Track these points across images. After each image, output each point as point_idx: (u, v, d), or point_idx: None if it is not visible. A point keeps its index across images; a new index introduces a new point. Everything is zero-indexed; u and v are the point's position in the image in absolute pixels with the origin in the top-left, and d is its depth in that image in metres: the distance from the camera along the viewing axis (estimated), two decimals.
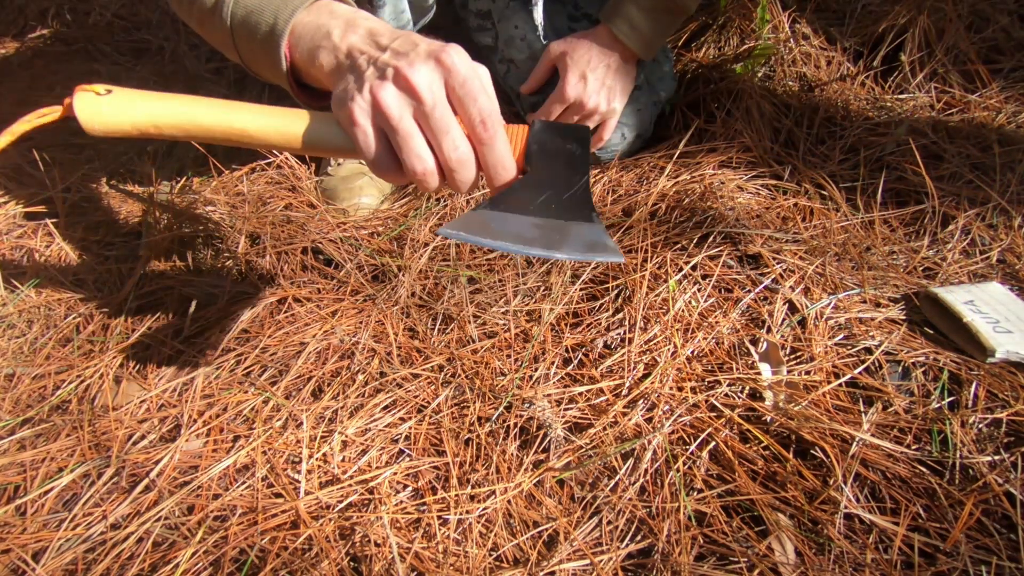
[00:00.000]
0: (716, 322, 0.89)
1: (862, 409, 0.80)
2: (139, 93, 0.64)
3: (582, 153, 0.57)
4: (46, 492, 0.81)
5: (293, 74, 0.67)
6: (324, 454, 0.82)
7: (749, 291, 0.92)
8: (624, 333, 0.90)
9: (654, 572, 0.70)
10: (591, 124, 1.13)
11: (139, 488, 0.80)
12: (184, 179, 1.25)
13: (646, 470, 0.78)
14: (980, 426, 0.77)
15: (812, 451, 0.77)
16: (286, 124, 0.62)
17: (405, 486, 0.80)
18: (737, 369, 0.85)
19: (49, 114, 0.66)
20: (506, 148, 0.58)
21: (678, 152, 1.16)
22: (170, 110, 0.63)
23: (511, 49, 1.18)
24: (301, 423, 0.85)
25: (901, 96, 1.27)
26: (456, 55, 0.56)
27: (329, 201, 1.19)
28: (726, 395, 0.83)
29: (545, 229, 0.54)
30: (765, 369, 0.85)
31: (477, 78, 0.56)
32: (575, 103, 1.09)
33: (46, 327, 1.02)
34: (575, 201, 0.56)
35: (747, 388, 0.84)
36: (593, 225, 0.54)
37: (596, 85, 1.07)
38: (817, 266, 0.94)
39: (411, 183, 0.59)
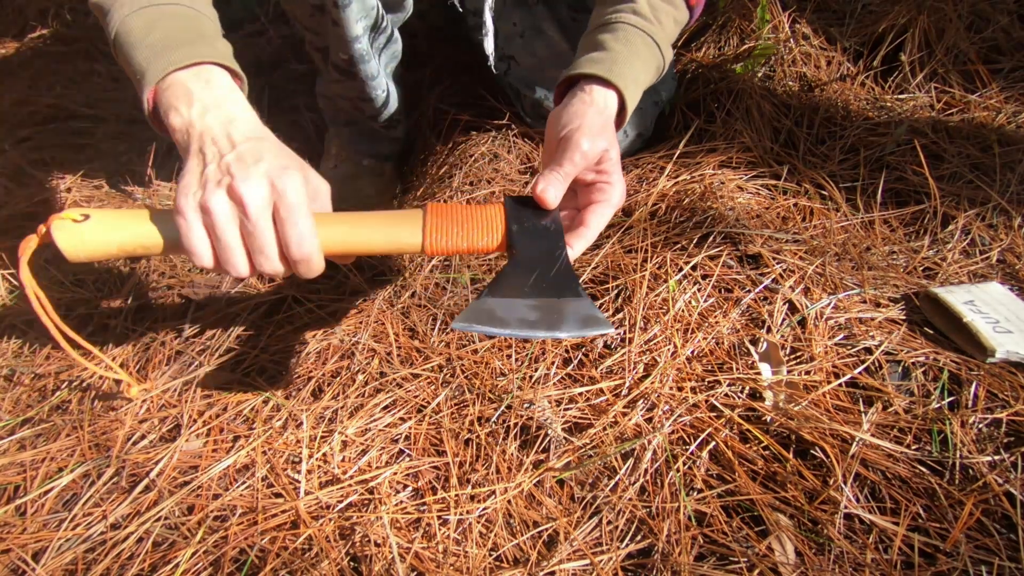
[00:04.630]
0: (716, 322, 0.89)
1: (862, 409, 0.80)
2: (118, 215, 0.64)
3: (556, 227, 0.65)
4: (46, 492, 0.81)
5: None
6: (324, 454, 0.82)
7: (749, 291, 0.92)
8: (624, 333, 0.90)
9: (654, 572, 0.70)
10: None
11: (139, 488, 0.80)
12: None
13: (646, 470, 0.78)
14: (980, 426, 0.77)
15: (812, 451, 0.77)
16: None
17: (405, 486, 0.80)
18: (737, 369, 0.85)
19: (29, 246, 0.65)
20: (316, 264, 0.64)
21: (678, 152, 1.16)
22: (149, 231, 0.63)
23: (510, 47, 1.18)
24: (301, 423, 0.85)
25: (901, 96, 1.27)
26: (290, 181, 0.60)
27: None
28: (726, 395, 0.83)
29: (543, 310, 0.62)
30: (765, 369, 0.85)
31: (302, 206, 0.61)
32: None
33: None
34: (561, 277, 0.63)
35: (747, 388, 0.84)
36: (582, 300, 0.62)
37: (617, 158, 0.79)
38: (817, 266, 0.94)
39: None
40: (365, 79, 1.05)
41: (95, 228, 0.63)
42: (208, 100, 0.64)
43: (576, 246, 0.70)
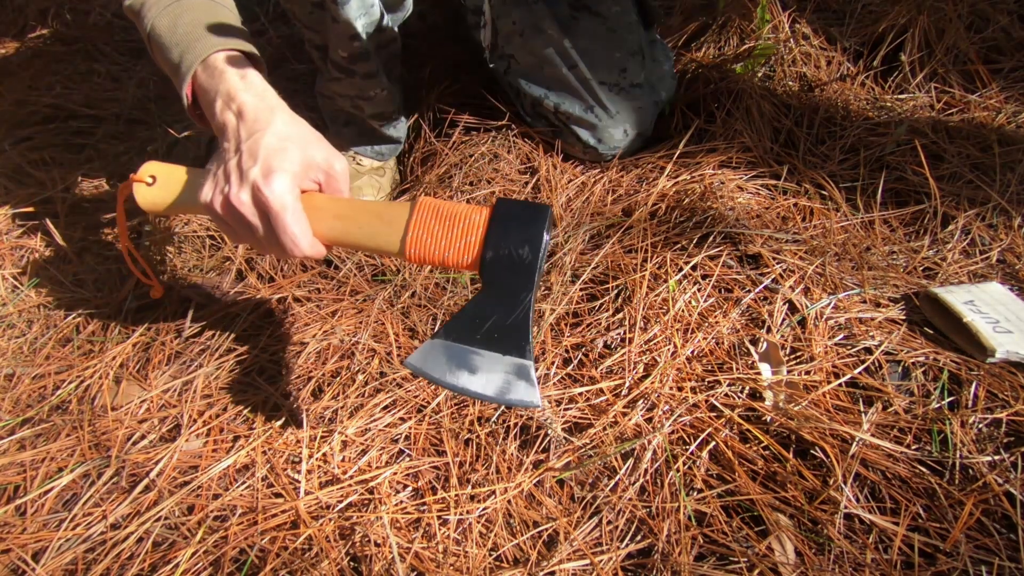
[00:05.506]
0: (716, 322, 0.89)
1: (862, 409, 0.80)
2: (176, 182, 0.74)
3: (532, 259, 0.63)
4: (46, 492, 0.81)
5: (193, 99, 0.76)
6: (324, 454, 0.82)
7: (749, 291, 0.92)
8: (624, 333, 0.90)
9: (654, 572, 0.70)
10: None
11: (139, 488, 0.80)
12: None
13: (646, 470, 0.78)
14: (980, 426, 0.77)
15: (812, 451, 0.77)
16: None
17: (405, 486, 0.80)
18: (737, 369, 0.85)
19: (125, 192, 0.76)
20: (314, 256, 0.69)
21: (678, 152, 1.16)
22: (195, 201, 0.72)
23: (510, 45, 1.18)
24: (301, 423, 0.85)
25: (901, 96, 1.27)
26: (269, 191, 0.64)
27: None
28: (726, 395, 0.83)
29: (484, 365, 0.64)
30: (765, 369, 0.85)
31: (286, 211, 0.64)
32: None
33: (46, 327, 1.02)
34: (515, 329, 0.63)
35: (747, 388, 0.84)
36: (524, 363, 0.64)
37: None
38: (817, 266, 0.94)
39: None
40: (364, 77, 1.05)
41: (158, 192, 0.74)
42: (223, 94, 0.70)
43: None
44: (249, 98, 0.69)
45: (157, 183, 0.73)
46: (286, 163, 0.65)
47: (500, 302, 0.64)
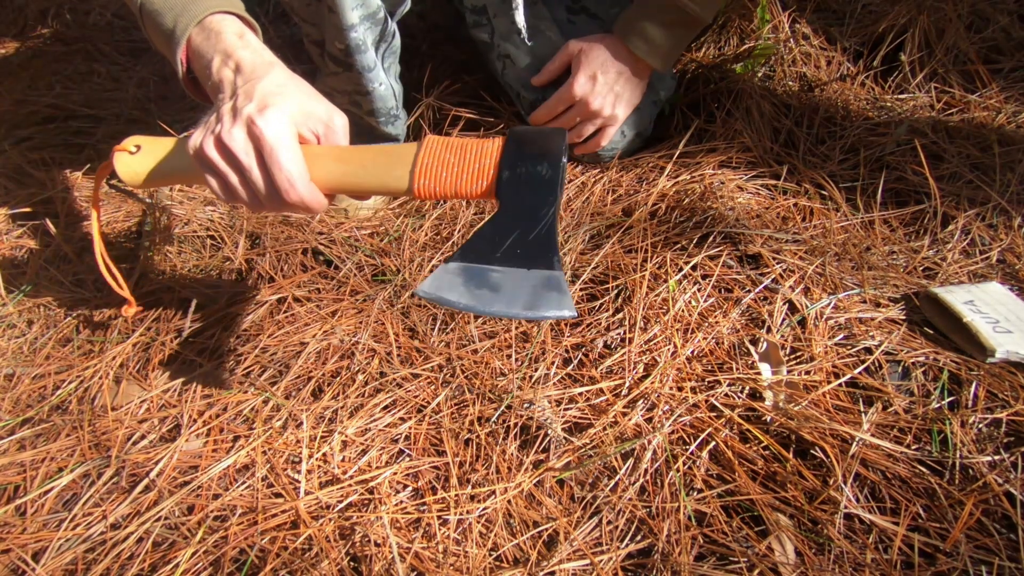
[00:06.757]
0: (716, 322, 0.89)
1: (862, 409, 0.80)
2: (162, 147, 0.71)
3: (552, 175, 0.58)
4: (46, 492, 0.81)
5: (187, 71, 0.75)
6: (324, 454, 0.82)
7: (749, 291, 0.92)
8: (624, 333, 0.90)
9: (654, 572, 0.70)
10: (591, 127, 1.13)
11: (139, 488, 0.80)
12: None
13: (646, 470, 0.78)
14: (980, 426, 0.77)
15: (812, 451, 0.77)
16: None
17: (405, 486, 0.80)
18: (737, 369, 0.85)
19: (104, 172, 0.75)
20: (313, 205, 0.66)
21: (678, 152, 1.16)
22: (184, 164, 0.70)
23: (508, 45, 1.18)
24: (301, 423, 0.85)
25: (901, 96, 1.27)
26: (266, 122, 0.62)
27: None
28: (726, 395, 0.83)
29: (508, 282, 0.58)
30: (765, 369, 0.85)
31: (282, 147, 0.62)
32: (580, 102, 1.10)
33: (46, 327, 1.02)
34: (539, 243, 0.58)
35: (747, 388, 0.84)
36: (552, 273, 0.57)
37: (604, 88, 1.08)
38: (817, 266, 0.94)
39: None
40: (361, 71, 1.05)
41: (143, 160, 0.71)
42: (220, 52, 0.69)
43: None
44: (247, 54, 0.68)
45: (141, 151, 0.71)
46: (284, 103, 0.64)
47: (520, 220, 0.58)
